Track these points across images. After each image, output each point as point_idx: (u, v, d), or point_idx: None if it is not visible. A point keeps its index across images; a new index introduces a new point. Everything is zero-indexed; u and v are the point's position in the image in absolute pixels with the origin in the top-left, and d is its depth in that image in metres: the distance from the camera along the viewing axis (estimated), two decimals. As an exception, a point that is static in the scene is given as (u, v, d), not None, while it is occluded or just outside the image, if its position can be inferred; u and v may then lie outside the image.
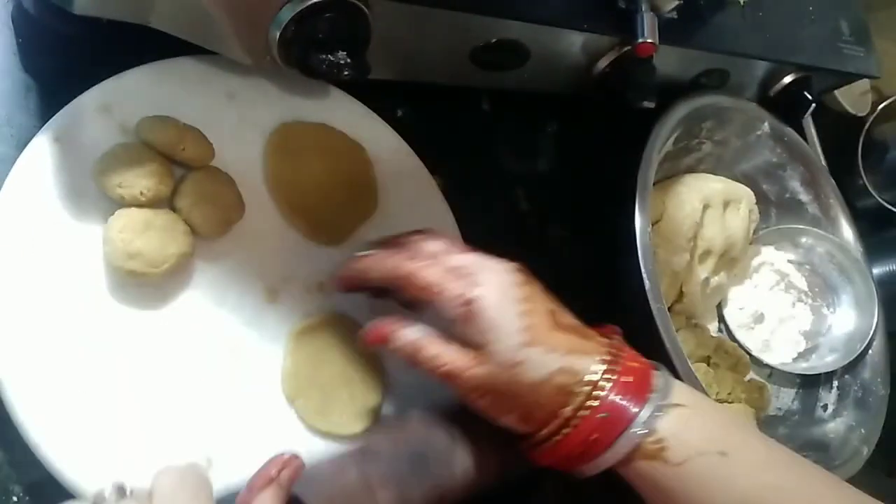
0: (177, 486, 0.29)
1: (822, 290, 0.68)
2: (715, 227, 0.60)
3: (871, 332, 0.64)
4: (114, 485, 0.30)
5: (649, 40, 0.49)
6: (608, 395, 0.36)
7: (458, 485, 0.39)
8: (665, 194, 0.59)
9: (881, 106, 0.79)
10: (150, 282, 0.38)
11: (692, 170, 0.65)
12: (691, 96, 0.58)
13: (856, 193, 0.76)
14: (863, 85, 0.81)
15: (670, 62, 0.55)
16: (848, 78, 0.68)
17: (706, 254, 0.60)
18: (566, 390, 0.36)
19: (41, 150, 0.38)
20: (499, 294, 0.37)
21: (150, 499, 0.29)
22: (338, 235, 0.46)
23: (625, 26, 0.49)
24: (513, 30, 0.48)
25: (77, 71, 0.41)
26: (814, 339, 0.67)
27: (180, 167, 0.41)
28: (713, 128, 0.63)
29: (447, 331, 0.38)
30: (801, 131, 0.72)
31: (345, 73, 0.40)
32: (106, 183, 0.38)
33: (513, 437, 0.39)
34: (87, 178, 0.38)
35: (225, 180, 0.42)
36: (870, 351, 0.64)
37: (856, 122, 0.79)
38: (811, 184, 0.68)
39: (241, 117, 0.45)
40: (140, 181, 0.38)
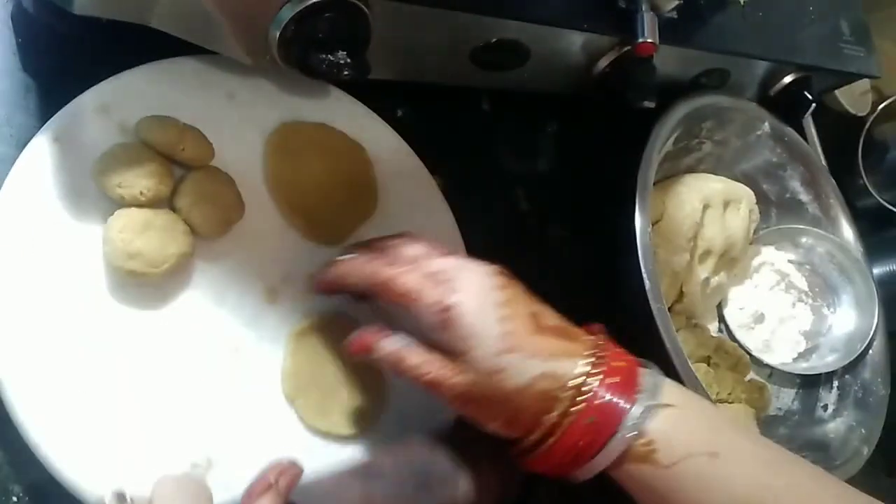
0: (176, 493, 0.29)
1: (822, 290, 0.68)
2: (715, 227, 0.60)
3: (871, 332, 0.64)
4: (114, 492, 0.30)
5: (649, 40, 0.49)
6: (594, 399, 0.35)
7: None
8: (665, 194, 0.59)
9: (881, 106, 0.79)
10: (150, 282, 0.38)
11: (692, 170, 0.65)
12: (691, 96, 0.58)
13: (856, 193, 0.76)
14: (863, 85, 0.81)
15: (670, 62, 0.55)
16: (848, 78, 0.68)
17: (706, 254, 0.60)
18: (550, 395, 0.36)
19: (41, 150, 0.38)
20: (478, 300, 0.36)
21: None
22: (338, 235, 0.46)
23: (625, 26, 0.49)
24: (513, 30, 0.48)
25: (77, 71, 0.41)
26: (814, 339, 0.67)
27: (180, 167, 0.41)
28: (713, 128, 0.63)
29: (427, 338, 0.37)
30: (801, 131, 0.72)
31: (345, 73, 0.40)
32: (106, 183, 0.38)
33: (514, 460, 0.38)
34: (86, 178, 0.38)
35: (225, 180, 0.42)
36: (870, 351, 0.64)
37: (856, 122, 0.79)
38: (811, 184, 0.68)
39: (241, 117, 0.45)
40: (140, 181, 0.38)
